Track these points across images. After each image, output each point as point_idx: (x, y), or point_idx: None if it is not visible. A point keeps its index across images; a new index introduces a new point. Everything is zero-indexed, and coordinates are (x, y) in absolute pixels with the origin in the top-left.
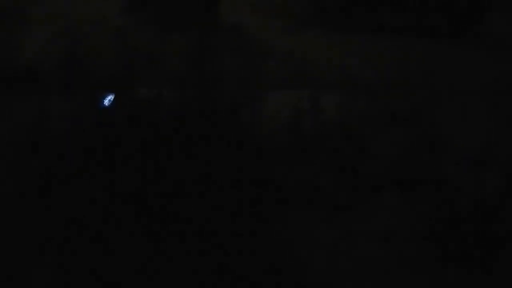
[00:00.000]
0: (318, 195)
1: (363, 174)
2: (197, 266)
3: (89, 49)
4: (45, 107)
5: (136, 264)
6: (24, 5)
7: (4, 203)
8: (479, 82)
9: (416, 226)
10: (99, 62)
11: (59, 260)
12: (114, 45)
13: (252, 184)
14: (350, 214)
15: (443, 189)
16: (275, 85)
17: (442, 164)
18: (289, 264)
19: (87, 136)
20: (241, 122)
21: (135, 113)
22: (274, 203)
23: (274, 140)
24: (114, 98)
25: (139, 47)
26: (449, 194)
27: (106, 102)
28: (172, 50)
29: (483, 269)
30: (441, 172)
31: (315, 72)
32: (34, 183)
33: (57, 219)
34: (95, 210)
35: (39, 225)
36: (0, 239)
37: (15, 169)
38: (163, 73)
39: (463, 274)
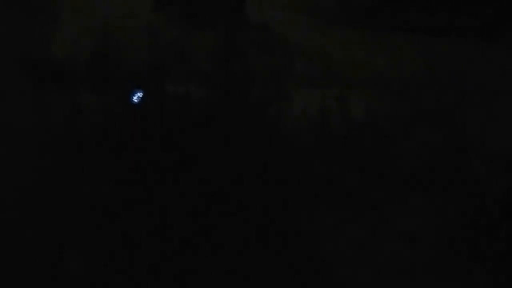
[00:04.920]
0: (345, 194)
1: (390, 173)
2: (222, 263)
3: (119, 45)
4: (76, 103)
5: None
6: (55, 0)
7: (36, 195)
8: (509, 83)
9: (443, 227)
10: (129, 59)
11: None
12: (144, 41)
13: (279, 182)
14: (377, 214)
15: (472, 190)
16: (302, 83)
17: (470, 165)
18: (315, 263)
19: (117, 132)
20: (268, 120)
21: (164, 110)
22: (300, 202)
23: (301, 139)
24: (143, 95)
25: (169, 43)
26: (478, 195)
27: (136, 99)
28: (201, 47)
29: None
30: (470, 173)
31: (343, 71)
32: (65, 178)
33: (86, 212)
34: (125, 204)
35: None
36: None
37: (46, 163)
38: (192, 70)
39: (491, 276)
